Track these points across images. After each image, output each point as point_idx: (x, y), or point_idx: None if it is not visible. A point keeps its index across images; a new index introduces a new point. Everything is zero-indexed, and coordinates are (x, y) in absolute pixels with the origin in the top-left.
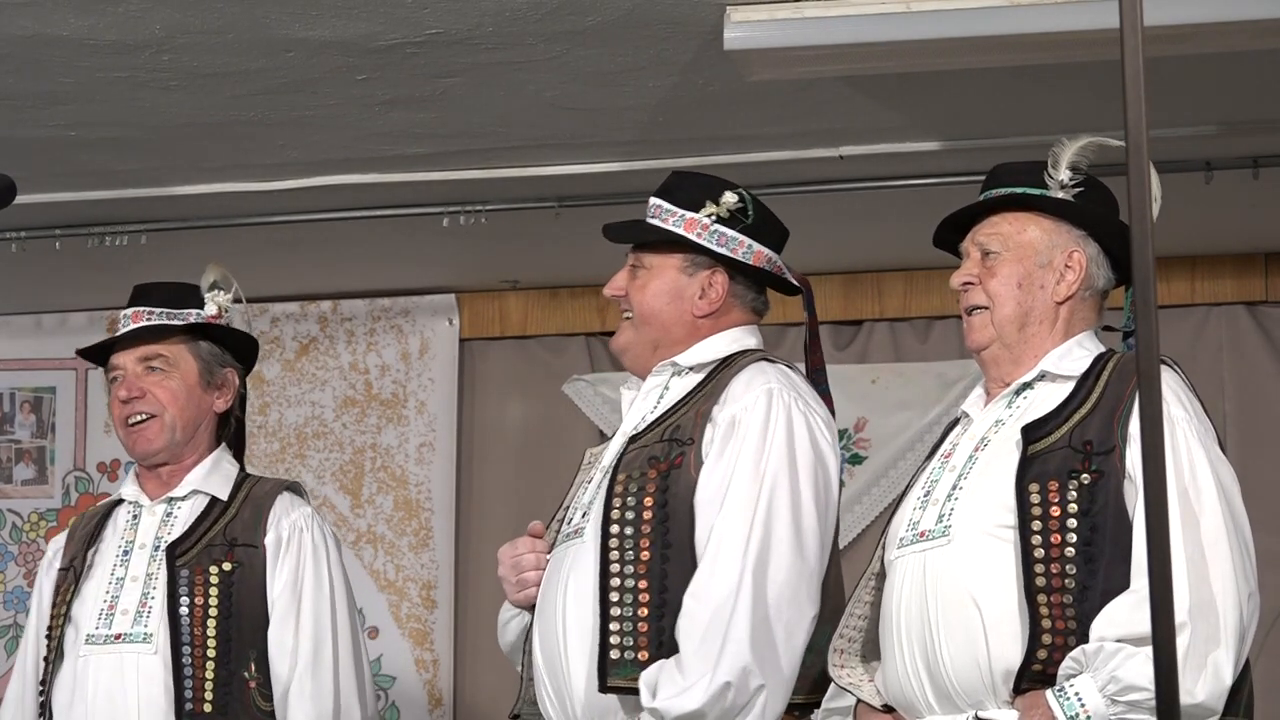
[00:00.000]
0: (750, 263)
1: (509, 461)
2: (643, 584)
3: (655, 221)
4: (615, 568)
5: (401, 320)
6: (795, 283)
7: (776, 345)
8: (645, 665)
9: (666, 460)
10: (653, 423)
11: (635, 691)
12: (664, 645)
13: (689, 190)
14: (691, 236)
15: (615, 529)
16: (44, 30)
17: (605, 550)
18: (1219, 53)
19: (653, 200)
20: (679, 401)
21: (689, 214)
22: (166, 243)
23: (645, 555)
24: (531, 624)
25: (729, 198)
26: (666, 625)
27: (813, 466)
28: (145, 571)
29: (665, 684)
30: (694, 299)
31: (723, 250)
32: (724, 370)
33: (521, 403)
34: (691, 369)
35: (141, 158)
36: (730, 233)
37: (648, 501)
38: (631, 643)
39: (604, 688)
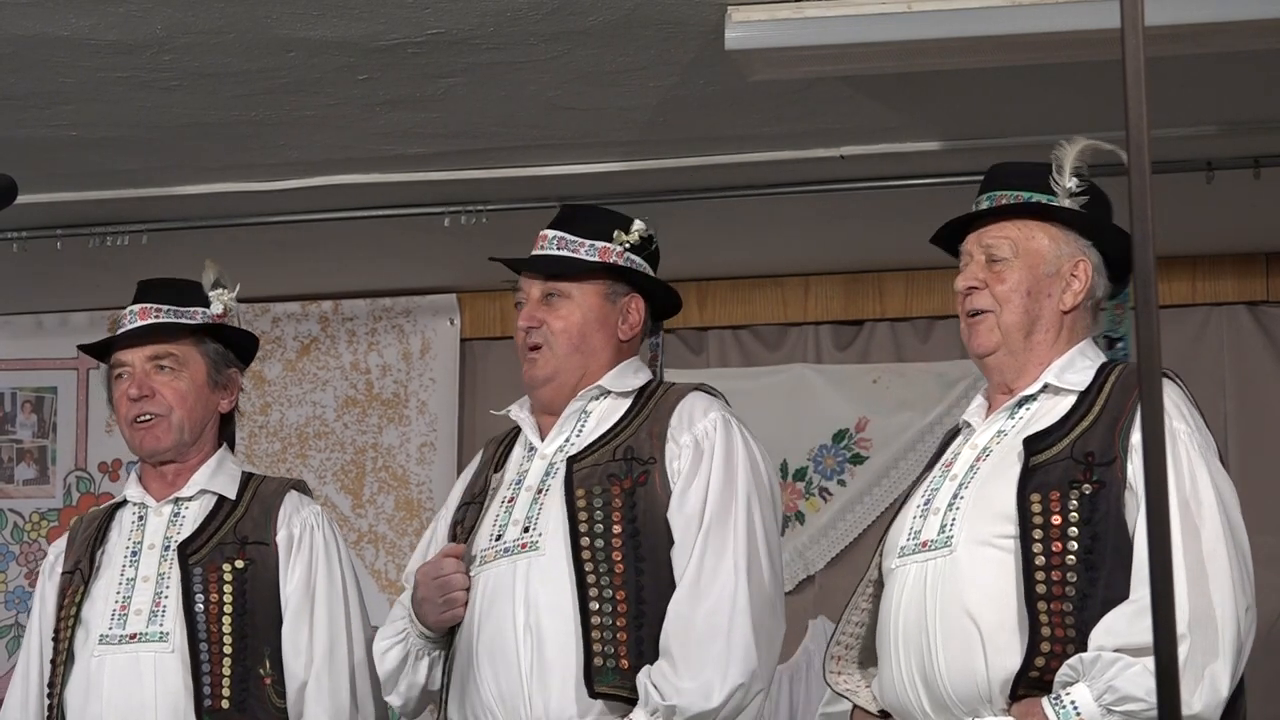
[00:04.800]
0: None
1: None
2: (620, 594)
3: (563, 253)
4: (591, 579)
5: (403, 320)
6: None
7: (777, 345)
8: (626, 673)
9: (629, 478)
10: (593, 443)
11: (623, 699)
12: (644, 654)
13: (593, 222)
14: (612, 263)
15: (586, 541)
16: (45, 30)
17: (579, 563)
18: (1219, 53)
19: (551, 233)
20: (617, 423)
21: (600, 243)
22: (167, 243)
23: (619, 567)
24: (453, 646)
25: (638, 225)
26: (645, 635)
27: (770, 490)
28: (157, 571)
29: (664, 685)
30: (617, 324)
31: (640, 275)
32: (660, 396)
33: None
34: (613, 393)
35: (141, 158)
36: (639, 259)
37: (616, 516)
38: (613, 650)
39: (593, 694)
